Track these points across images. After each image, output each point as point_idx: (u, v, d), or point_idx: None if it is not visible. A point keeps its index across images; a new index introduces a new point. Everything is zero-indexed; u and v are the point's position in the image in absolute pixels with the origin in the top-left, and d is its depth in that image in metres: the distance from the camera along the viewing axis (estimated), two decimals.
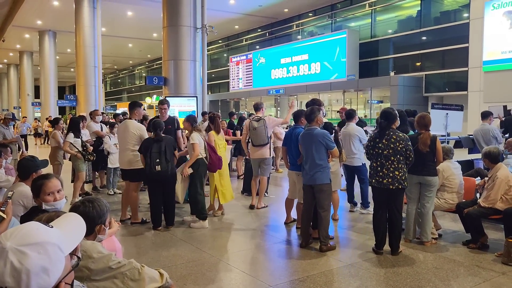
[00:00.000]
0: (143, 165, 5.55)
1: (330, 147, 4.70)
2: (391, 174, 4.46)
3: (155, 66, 38.05)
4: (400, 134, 4.53)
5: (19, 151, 8.23)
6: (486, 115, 7.94)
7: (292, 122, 6.03)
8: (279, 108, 26.58)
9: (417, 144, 4.72)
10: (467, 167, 6.60)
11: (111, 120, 10.34)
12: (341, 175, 6.34)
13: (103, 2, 19.39)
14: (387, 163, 4.48)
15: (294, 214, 5.78)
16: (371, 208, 5.19)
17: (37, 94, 32.01)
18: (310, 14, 24.41)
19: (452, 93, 17.91)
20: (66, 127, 8.38)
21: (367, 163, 5.39)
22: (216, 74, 31.95)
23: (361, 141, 6.43)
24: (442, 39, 18.11)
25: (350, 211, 6.57)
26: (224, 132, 7.93)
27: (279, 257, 4.67)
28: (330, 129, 5.26)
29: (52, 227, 1.17)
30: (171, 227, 5.64)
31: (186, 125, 6.05)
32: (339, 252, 4.68)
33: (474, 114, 14.99)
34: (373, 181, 4.60)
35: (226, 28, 26.46)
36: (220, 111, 26.82)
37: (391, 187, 4.46)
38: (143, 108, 6.50)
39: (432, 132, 4.93)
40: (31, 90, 34.40)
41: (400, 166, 4.47)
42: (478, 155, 7.32)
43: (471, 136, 8.46)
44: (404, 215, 4.94)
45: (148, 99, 33.59)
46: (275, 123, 7.21)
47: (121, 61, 41.73)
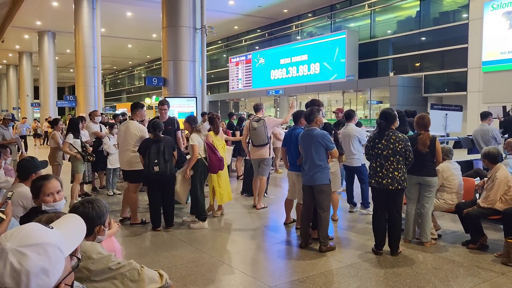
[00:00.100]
0: (143, 166, 5.55)
1: (330, 148, 4.71)
2: (391, 175, 4.46)
3: (155, 67, 38.05)
4: (400, 135, 4.53)
5: (19, 152, 8.23)
6: (486, 116, 7.94)
7: (292, 123, 6.04)
8: (279, 109, 26.61)
9: (417, 145, 4.72)
10: (467, 168, 6.61)
11: (111, 121, 10.33)
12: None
13: (103, 3, 19.38)
14: (387, 164, 4.48)
15: (294, 215, 5.78)
16: (371, 208, 5.20)
17: (37, 95, 32.03)
18: (310, 15, 24.42)
19: (452, 94, 17.93)
20: (66, 128, 8.37)
21: (367, 164, 5.40)
22: (216, 75, 31.95)
23: (361, 142, 6.43)
24: (442, 40, 18.13)
25: (350, 212, 6.58)
26: (223, 133, 7.92)
27: (279, 258, 4.67)
28: (330, 130, 5.26)
29: (52, 228, 1.17)
30: (171, 228, 5.63)
31: (186, 126, 6.05)
32: (339, 253, 4.67)
33: (474, 115, 15.02)
34: (373, 182, 4.60)
35: (226, 29, 26.46)
36: (220, 112, 26.82)
37: (391, 188, 4.46)
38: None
39: (432, 133, 4.93)
40: (31, 91, 34.41)
41: (400, 167, 4.47)
42: (478, 156, 7.32)
43: (471, 137, 8.45)
44: (404, 216, 4.94)
45: (148, 100, 33.59)
46: (275, 123, 7.24)
47: (121, 62, 41.73)
